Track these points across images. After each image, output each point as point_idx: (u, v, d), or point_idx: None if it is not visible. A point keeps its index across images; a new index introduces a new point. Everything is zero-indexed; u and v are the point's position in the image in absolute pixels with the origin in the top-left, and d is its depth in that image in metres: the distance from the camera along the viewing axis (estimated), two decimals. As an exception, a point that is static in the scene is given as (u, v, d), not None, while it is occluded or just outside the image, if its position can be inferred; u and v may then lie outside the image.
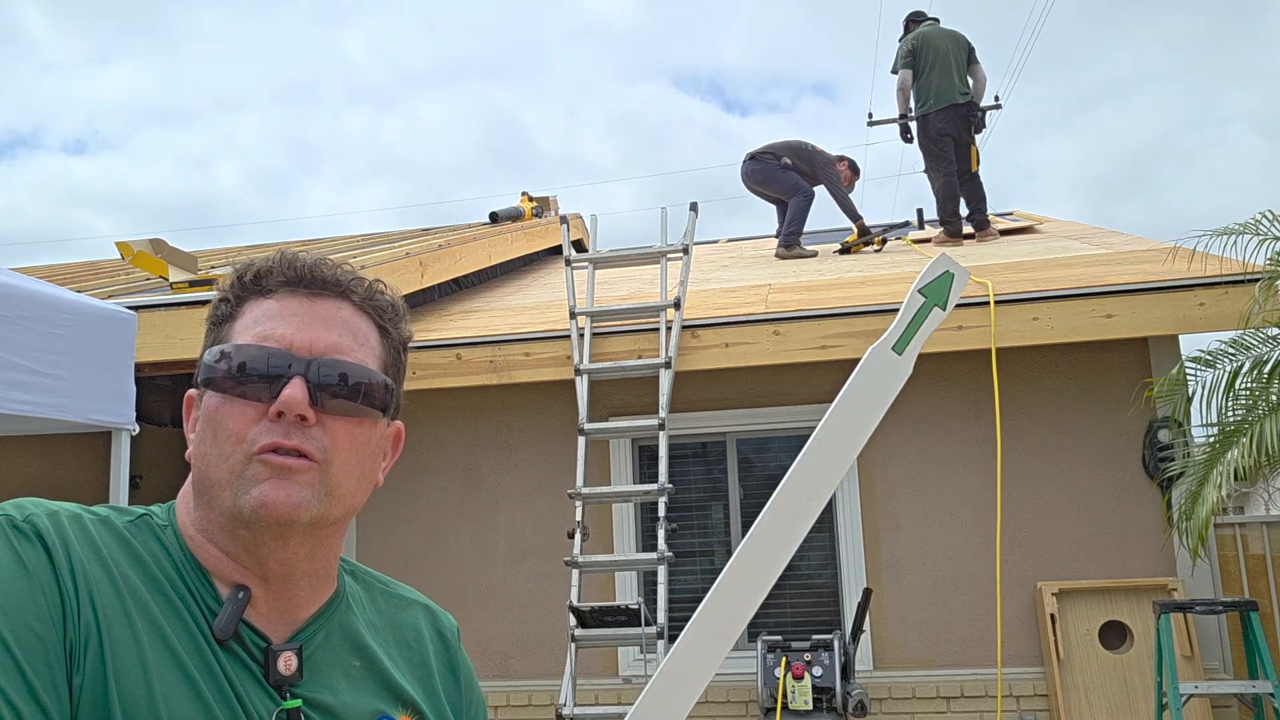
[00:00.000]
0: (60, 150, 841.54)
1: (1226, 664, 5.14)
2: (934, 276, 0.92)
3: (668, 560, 4.74)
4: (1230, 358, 4.84)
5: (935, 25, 8.10)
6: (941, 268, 0.93)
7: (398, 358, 0.96)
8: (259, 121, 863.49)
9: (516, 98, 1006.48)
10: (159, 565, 0.84)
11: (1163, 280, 5.03)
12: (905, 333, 0.91)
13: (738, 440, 5.84)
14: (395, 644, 0.98)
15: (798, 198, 8.16)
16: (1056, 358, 5.44)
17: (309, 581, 0.90)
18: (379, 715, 0.91)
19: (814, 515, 0.86)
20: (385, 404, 0.91)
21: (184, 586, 0.84)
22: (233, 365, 0.86)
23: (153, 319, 4.66)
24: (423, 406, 5.85)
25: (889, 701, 5.30)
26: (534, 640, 5.65)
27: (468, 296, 7.62)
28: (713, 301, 5.94)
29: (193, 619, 0.83)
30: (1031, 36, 46.99)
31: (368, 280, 0.94)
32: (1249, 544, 5.79)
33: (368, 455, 0.91)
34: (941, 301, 0.92)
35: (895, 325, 0.92)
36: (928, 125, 7.82)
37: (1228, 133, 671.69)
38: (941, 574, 5.40)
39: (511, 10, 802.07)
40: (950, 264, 0.93)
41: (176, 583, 0.84)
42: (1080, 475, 5.36)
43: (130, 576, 0.82)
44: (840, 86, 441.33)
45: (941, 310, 0.92)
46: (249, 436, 0.84)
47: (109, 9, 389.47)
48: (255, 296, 0.90)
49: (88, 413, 3.25)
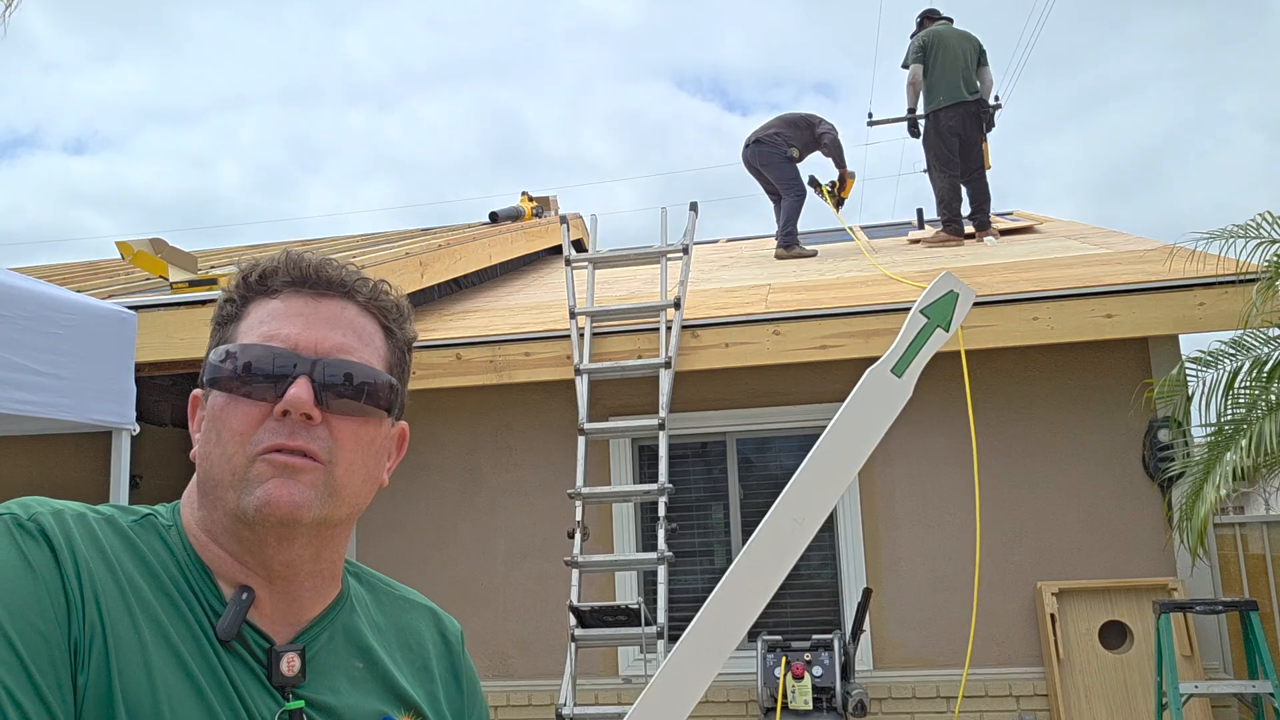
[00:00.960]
0: (61, 150, 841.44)
1: (1226, 664, 5.14)
2: (937, 296, 0.89)
3: (668, 560, 4.74)
4: (1230, 358, 4.84)
5: (948, 24, 8.09)
6: (945, 287, 0.89)
7: (402, 358, 0.96)
8: (260, 121, 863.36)
9: (518, 97, 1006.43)
10: (163, 565, 0.84)
11: (1162, 280, 5.04)
12: (905, 354, 0.87)
13: (738, 440, 5.84)
14: (398, 646, 0.98)
15: (792, 198, 8.16)
16: (1056, 358, 5.45)
17: (313, 583, 0.90)
18: (381, 717, 0.90)
19: (806, 539, 0.83)
20: (390, 404, 0.91)
21: (188, 587, 0.84)
22: (238, 365, 0.86)
23: (153, 319, 4.66)
24: (423, 406, 5.85)
25: (889, 701, 5.30)
26: (534, 640, 5.65)
27: (468, 296, 7.62)
28: (713, 301, 5.95)
29: (196, 619, 0.83)
30: (1033, 36, 47.05)
31: (372, 281, 0.94)
32: (1249, 544, 5.80)
33: (372, 455, 0.91)
34: (944, 322, 0.89)
35: (895, 346, 0.88)
36: (939, 122, 7.80)
37: (1231, 133, 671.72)
38: (941, 574, 5.41)
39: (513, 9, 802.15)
40: (954, 283, 0.90)
41: (180, 583, 0.84)
42: (1080, 475, 5.36)
43: (134, 576, 0.82)
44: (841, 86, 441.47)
45: (944, 332, 0.89)
46: (254, 436, 0.84)
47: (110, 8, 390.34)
48: (260, 297, 0.90)
49: (88, 413, 3.25)
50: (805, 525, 0.83)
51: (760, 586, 0.82)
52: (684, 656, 0.80)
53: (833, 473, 0.84)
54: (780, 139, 8.17)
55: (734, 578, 0.82)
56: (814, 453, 0.85)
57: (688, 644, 0.81)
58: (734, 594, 0.81)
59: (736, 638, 0.81)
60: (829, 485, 0.84)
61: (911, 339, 0.88)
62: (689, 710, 0.79)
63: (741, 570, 0.82)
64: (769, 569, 0.82)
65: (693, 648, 0.80)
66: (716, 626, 0.81)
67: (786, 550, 0.82)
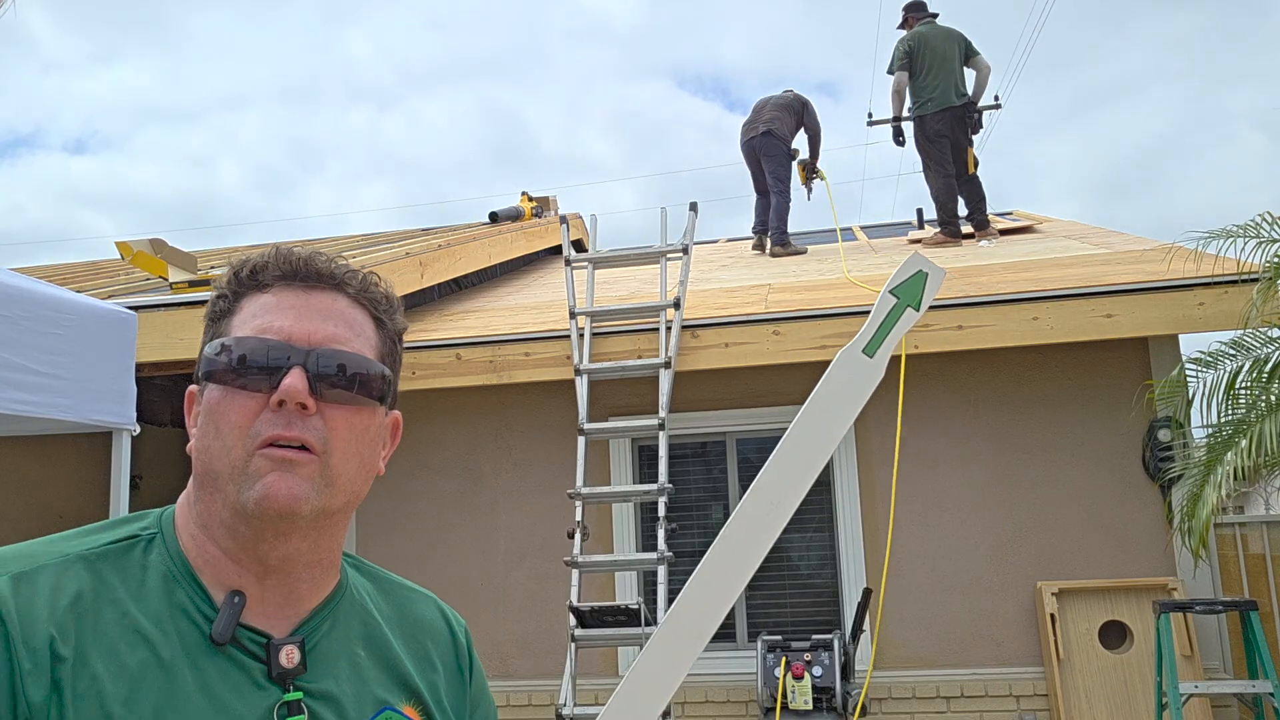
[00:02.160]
0: (61, 149, 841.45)
1: (1226, 664, 5.14)
2: (906, 276, 0.89)
3: (668, 560, 4.74)
4: (1230, 358, 4.84)
5: (932, 24, 8.05)
6: (914, 267, 0.89)
7: (393, 348, 0.97)
8: (260, 120, 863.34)
9: (518, 96, 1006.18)
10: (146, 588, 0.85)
11: (1162, 280, 5.03)
12: (876, 334, 0.87)
13: (737, 440, 5.84)
14: (402, 634, 0.99)
15: (785, 195, 8.33)
16: (1056, 358, 5.45)
17: (311, 574, 0.91)
18: (383, 705, 0.92)
19: (782, 522, 0.83)
20: (382, 393, 0.93)
21: (178, 599, 0.86)
22: (233, 358, 0.87)
23: (152, 319, 4.66)
24: (423, 406, 5.85)
25: (889, 701, 5.30)
26: (534, 640, 5.65)
27: (467, 296, 7.62)
28: (712, 301, 5.95)
29: (188, 630, 0.84)
30: (1033, 35, 47.00)
31: (362, 273, 0.96)
32: (1249, 544, 5.80)
33: (367, 444, 0.92)
34: (915, 302, 0.89)
35: (866, 327, 0.88)
36: (925, 127, 7.81)
37: (1232, 131, 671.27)
38: (941, 574, 5.41)
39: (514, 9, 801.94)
40: (923, 263, 0.90)
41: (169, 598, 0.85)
42: (1080, 475, 5.36)
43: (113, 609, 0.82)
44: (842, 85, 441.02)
45: (915, 311, 0.88)
46: (251, 428, 0.85)
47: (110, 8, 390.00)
48: (252, 291, 0.92)
49: (88, 413, 3.25)
50: (780, 508, 0.82)
51: (737, 570, 0.81)
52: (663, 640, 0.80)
53: (807, 455, 0.84)
54: (785, 129, 8.36)
55: (711, 563, 0.81)
56: (788, 435, 0.85)
57: (667, 627, 0.80)
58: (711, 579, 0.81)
59: (715, 622, 0.81)
60: (804, 467, 0.84)
61: (882, 319, 0.88)
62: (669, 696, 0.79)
63: (718, 555, 0.81)
64: (746, 552, 0.81)
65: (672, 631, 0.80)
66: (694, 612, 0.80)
67: (762, 534, 0.82)
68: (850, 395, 0.86)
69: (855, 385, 0.86)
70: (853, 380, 0.86)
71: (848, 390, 0.86)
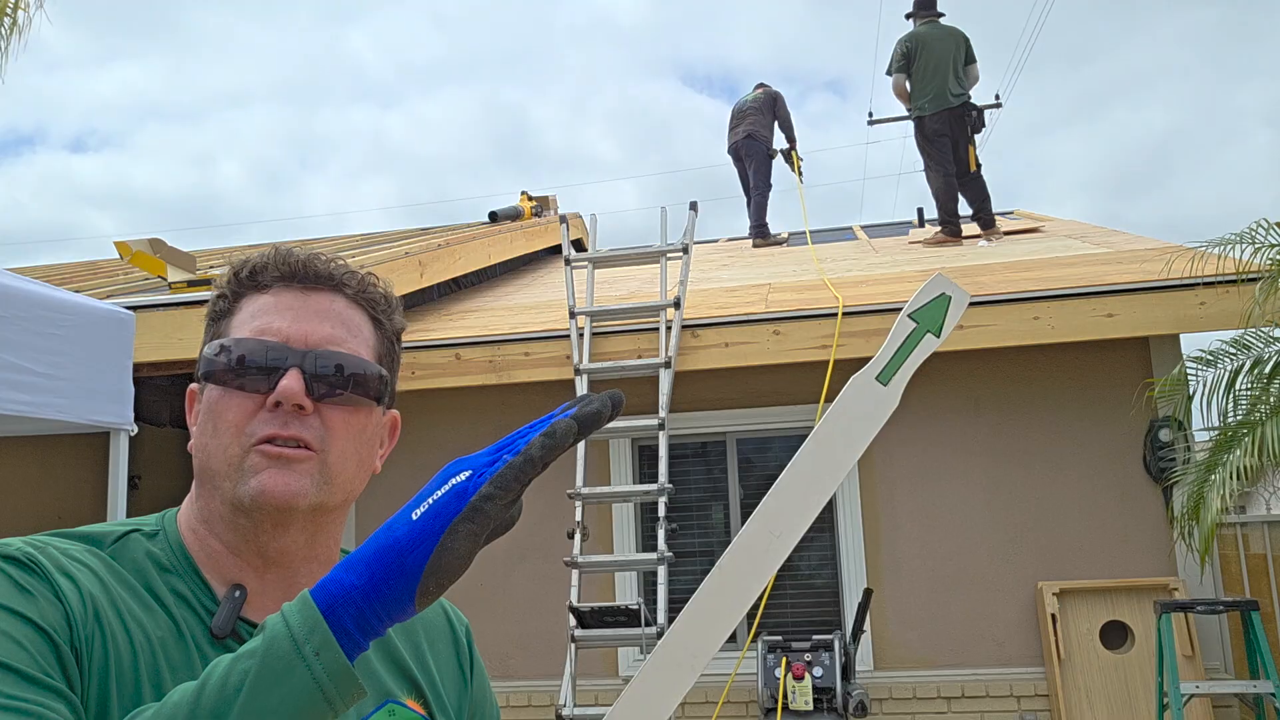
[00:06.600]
0: (62, 148, 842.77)
1: (1227, 664, 5.13)
2: (927, 300, 0.82)
3: (668, 560, 4.73)
4: (1231, 357, 4.84)
5: (933, 23, 8.04)
6: (937, 289, 0.83)
7: (391, 348, 0.98)
8: (262, 118, 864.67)
9: (522, 94, 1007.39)
10: (149, 579, 0.86)
11: (1163, 280, 5.02)
12: (892, 361, 0.81)
13: (738, 440, 5.83)
14: (403, 629, 0.99)
15: (764, 191, 8.98)
16: (1057, 357, 5.44)
17: (309, 569, 0.92)
18: (386, 697, 0.92)
19: (783, 554, 0.78)
20: (379, 393, 0.94)
21: (179, 592, 0.86)
22: (232, 358, 0.88)
23: (151, 319, 4.65)
24: (422, 406, 5.84)
25: (889, 702, 5.29)
26: (534, 640, 5.64)
27: (467, 296, 7.61)
28: (713, 301, 5.94)
29: (189, 624, 0.85)
30: (1034, 31, 46.90)
31: (360, 274, 0.97)
32: (1250, 543, 5.79)
33: (364, 443, 0.93)
34: (935, 328, 0.82)
35: (881, 353, 0.82)
36: (924, 126, 7.81)
37: (1241, 127, 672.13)
38: (941, 574, 5.40)
39: (519, 5, 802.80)
40: (947, 285, 0.83)
41: (170, 591, 0.86)
42: (1081, 475, 5.35)
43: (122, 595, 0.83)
44: (848, 83, 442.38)
45: (935, 337, 0.82)
46: (248, 427, 0.86)
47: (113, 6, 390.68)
48: (252, 292, 0.93)
49: (86, 413, 3.25)
50: (783, 539, 0.78)
51: (735, 601, 0.77)
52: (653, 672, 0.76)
53: (813, 486, 0.79)
54: (763, 129, 9.02)
55: (706, 593, 0.77)
56: (793, 464, 0.80)
57: (657, 659, 0.76)
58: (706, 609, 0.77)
59: (708, 654, 0.77)
60: (809, 498, 0.79)
61: (899, 345, 0.82)
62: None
63: (714, 585, 0.77)
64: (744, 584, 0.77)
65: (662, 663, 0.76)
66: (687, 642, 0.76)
67: (762, 565, 0.77)
68: (861, 426, 0.80)
69: (867, 415, 0.80)
70: (864, 410, 0.80)
71: (858, 420, 0.80)
